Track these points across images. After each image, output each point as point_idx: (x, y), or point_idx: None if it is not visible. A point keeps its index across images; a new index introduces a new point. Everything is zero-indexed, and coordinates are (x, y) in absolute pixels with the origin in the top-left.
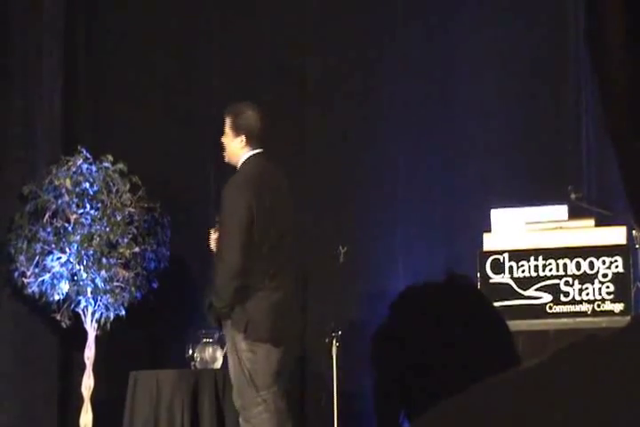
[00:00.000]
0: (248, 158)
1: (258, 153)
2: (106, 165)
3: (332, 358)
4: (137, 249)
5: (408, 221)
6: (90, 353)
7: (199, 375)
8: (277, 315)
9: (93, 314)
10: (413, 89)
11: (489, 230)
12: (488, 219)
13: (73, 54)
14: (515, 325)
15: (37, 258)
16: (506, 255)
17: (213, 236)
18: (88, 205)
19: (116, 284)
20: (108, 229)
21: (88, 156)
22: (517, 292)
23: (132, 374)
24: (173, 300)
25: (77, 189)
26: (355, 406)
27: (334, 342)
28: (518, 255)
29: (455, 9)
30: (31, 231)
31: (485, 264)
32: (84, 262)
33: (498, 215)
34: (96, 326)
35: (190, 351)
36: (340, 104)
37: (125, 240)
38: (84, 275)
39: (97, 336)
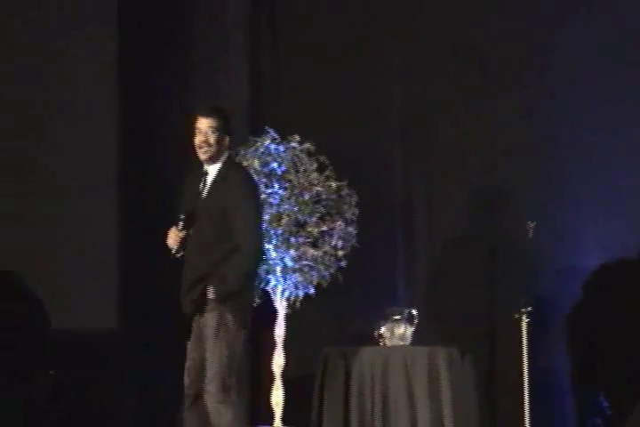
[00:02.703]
0: (229, 157)
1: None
2: (293, 144)
3: (522, 334)
4: (324, 228)
5: (600, 195)
6: (280, 331)
7: (389, 352)
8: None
9: (283, 293)
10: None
11: None
12: None
13: (257, 40)
14: None
15: None
16: None
17: (176, 233)
18: (276, 185)
19: (304, 262)
20: (296, 208)
21: (275, 136)
22: None
23: (323, 352)
24: (360, 278)
25: (265, 170)
26: (545, 382)
27: (524, 317)
28: None
29: None
30: None
31: None
32: (274, 242)
33: None
34: (285, 304)
35: (380, 329)
36: (522, 78)
37: (313, 219)
38: (274, 254)
39: (287, 315)
